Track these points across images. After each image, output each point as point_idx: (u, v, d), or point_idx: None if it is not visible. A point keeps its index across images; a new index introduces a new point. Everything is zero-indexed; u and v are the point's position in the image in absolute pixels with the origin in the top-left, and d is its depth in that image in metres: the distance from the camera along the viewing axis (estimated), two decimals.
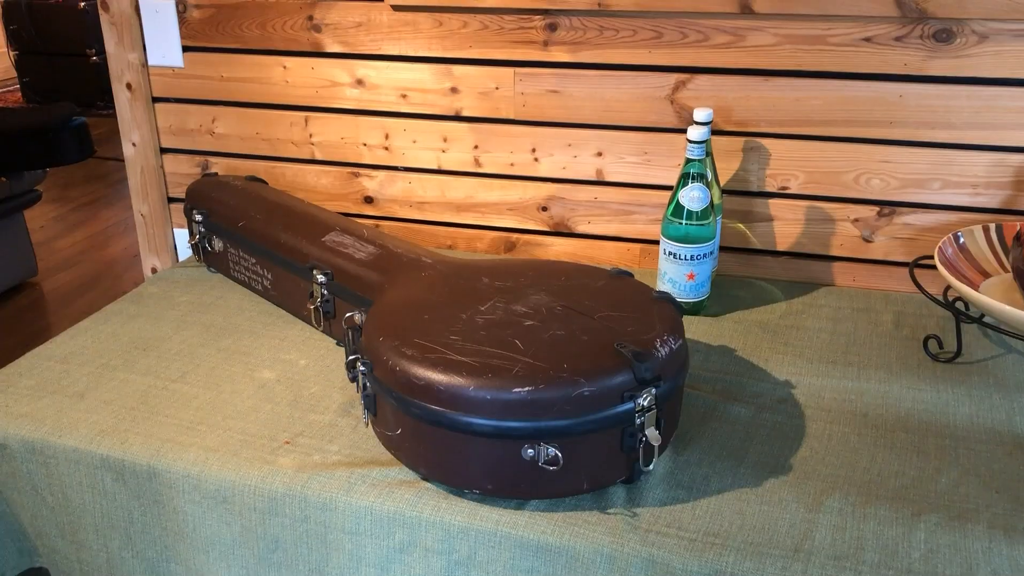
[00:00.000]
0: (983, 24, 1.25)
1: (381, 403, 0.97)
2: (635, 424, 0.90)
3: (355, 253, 1.22)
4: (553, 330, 0.97)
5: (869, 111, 1.34)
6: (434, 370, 0.90)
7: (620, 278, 1.11)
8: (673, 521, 0.90)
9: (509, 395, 0.87)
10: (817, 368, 1.19)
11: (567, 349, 0.93)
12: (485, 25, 1.45)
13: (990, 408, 1.09)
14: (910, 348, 1.24)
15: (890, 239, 1.41)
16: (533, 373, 0.89)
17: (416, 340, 0.96)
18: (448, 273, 1.14)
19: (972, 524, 0.89)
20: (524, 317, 1.00)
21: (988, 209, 1.35)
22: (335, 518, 0.95)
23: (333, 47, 1.54)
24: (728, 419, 1.08)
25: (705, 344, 1.25)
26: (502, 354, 0.92)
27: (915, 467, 0.99)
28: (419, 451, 0.94)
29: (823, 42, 1.31)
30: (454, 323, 0.99)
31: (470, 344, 0.94)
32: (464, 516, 0.91)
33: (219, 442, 1.03)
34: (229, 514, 0.99)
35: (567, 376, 0.89)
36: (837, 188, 1.40)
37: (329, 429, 1.06)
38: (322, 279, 1.22)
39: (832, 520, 0.90)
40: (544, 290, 1.07)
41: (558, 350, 0.93)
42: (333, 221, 1.33)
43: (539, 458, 0.88)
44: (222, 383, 1.16)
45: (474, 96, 1.51)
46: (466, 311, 1.02)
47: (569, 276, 1.12)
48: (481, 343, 0.95)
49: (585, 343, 0.95)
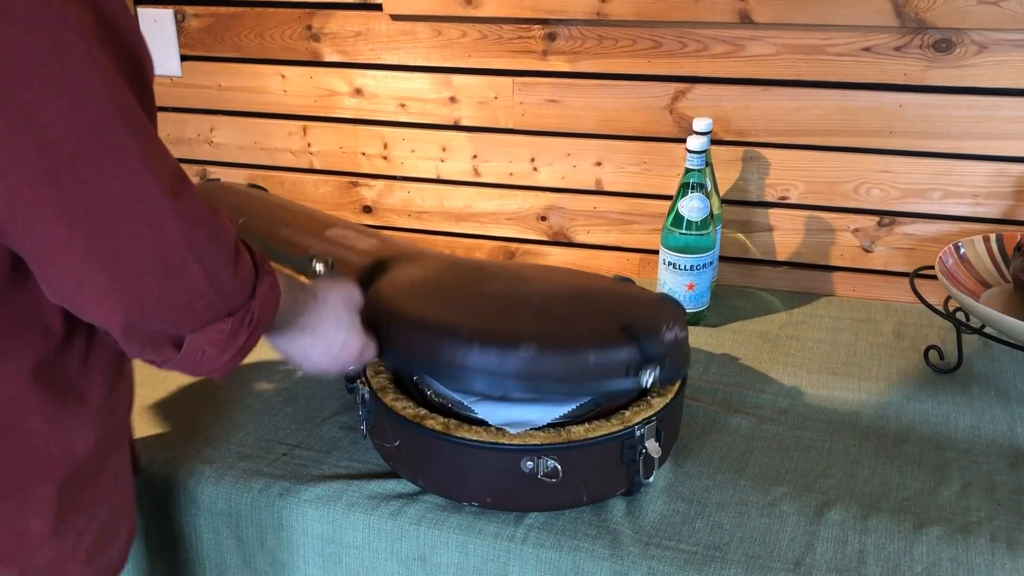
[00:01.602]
0: (983, 34, 1.25)
1: (379, 414, 0.96)
2: (635, 436, 0.90)
3: (357, 244, 1.20)
4: (559, 312, 0.96)
5: (869, 121, 1.33)
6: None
7: (624, 284, 1.10)
8: (673, 534, 0.89)
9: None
10: (818, 379, 1.18)
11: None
12: (484, 35, 1.45)
13: (992, 419, 1.09)
14: (911, 359, 1.23)
15: (890, 249, 1.40)
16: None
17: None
18: (453, 263, 1.12)
19: (975, 537, 0.89)
20: (530, 296, 0.98)
21: (988, 219, 1.35)
22: (332, 530, 0.94)
23: (332, 56, 1.54)
24: (728, 431, 1.07)
25: (705, 355, 1.25)
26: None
27: (917, 479, 0.98)
28: (418, 463, 0.93)
29: (822, 52, 1.31)
30: (458, 305, 0.98)
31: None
32: (463, 529, 0.90)
33: (216, 454, 1.03)
34: (226, 526, 0.98)
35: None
36: (837, 198, 1.39)
37: (327, 441, 1.05)
38: (321, 268, 1.19)
39: (833, 533, 0.89)
40: (550, 284, 1.05)
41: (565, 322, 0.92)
42: (334, 220, 1.32)
43: (538, 471, 0.87)
44: (219, 394, 1.16)
45: (473, 105, 1.50)
46: (471, 296, 1.00)
47: (572, 277, 1.10)
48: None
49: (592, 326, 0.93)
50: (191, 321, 0.69)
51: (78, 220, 0.60)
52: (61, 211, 0.59)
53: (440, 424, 0.90)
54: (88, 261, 0.61)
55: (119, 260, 0.62)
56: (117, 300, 0.63)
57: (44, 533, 0.72)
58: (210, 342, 0.71)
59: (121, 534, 0.83)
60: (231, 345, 0.72)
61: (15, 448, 0.70)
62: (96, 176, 0.59)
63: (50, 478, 0.72)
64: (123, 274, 0.63)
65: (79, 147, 0.58)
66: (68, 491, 0.74)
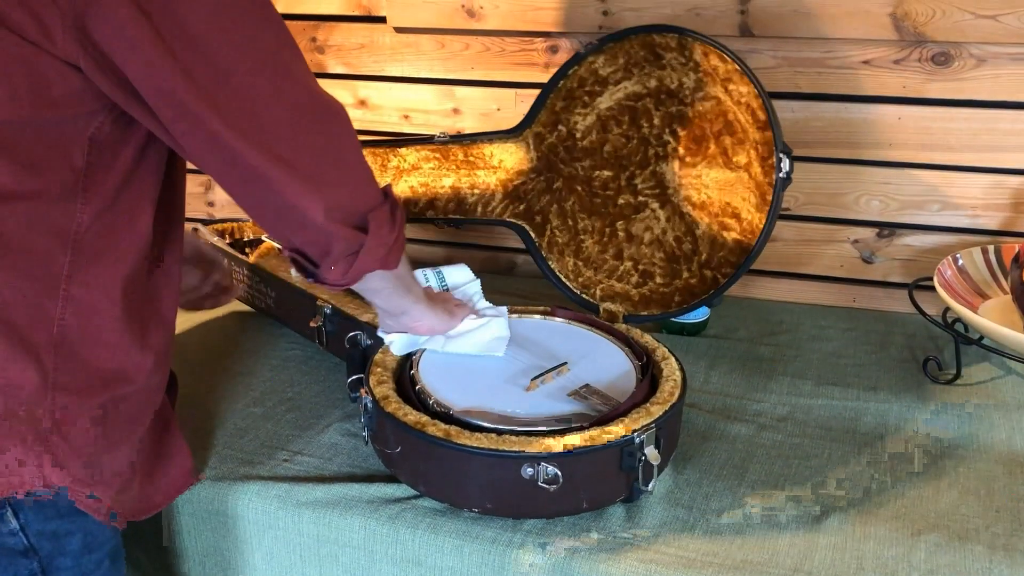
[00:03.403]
0: (981, 48, 1.26)
1: (381, 421, 0.97)
2: (634, 443, 0.90)
3: None
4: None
5: (868, 133, 1.34)
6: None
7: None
8: (673, 541, 0.90)
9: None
10: (817, 389, 1.19)
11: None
12: (487, 47, 1.46)
13: (990, 428, 1.09)
14: (910, 369, 1.24)
15: (890, 260, 1.41)
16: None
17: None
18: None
19: (972, 544, 0.89)
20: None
21: (987, 231, 1.35)
22: (333, 534, 0.95)
23: (336, 68, 1.56)
24: (728, 439, 1.08)
25: (705, 364, 1.25)
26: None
27: (915, 487, 0.98)
28: (418, 469, 0.94)
29: (822, 64, 1.32)
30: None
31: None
32: (462, 535, 0.91)
33: (219, 459, 1.03)
34: (227, 530, 0.99)
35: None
36: (837, 209, 1.40)
37: (329, 447, 1.06)
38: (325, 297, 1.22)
39: (832, 540, 0.90)
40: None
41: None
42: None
43: (538, 477, 0.88)
44: (223, 401, 1.17)
45: (476, 117, 1.52)
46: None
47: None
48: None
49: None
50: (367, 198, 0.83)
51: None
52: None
53: (441, 431, 0.91)
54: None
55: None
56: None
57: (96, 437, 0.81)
58: (382, 220, 0.83)
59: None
60: (394, 222, 0.85)
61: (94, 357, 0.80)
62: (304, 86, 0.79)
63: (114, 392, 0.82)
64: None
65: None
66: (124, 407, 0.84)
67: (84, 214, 0.77)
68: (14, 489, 0.76)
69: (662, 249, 1.28)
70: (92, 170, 0.76)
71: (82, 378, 0.79)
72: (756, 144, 1.16)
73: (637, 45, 1.21)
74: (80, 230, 0.77)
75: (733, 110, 1.17)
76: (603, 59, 1.24)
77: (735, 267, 1.19)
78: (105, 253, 0.79)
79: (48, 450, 0.77)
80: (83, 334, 0.79)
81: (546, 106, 1.29)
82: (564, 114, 1.29)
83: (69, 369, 0.78)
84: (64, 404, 0.78)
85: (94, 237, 0.78)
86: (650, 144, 1.25)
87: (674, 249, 1.27)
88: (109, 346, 0.81)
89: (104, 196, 0.78)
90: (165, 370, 0.90)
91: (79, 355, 0.79)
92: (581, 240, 1.32)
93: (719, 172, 1.21)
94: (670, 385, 0.99)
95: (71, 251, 0.77)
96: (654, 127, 1.25)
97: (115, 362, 0.81)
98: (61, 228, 0.76)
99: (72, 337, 0.78)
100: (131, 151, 0.78)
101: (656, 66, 1.22)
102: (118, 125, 0.76)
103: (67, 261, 0.77)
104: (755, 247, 1.13)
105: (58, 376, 0.78)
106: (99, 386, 0.80)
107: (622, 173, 1.28)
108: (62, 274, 0.77)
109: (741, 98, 1.16)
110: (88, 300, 0.79)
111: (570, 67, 1.25)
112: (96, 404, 0.80)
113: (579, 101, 1.27)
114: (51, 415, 0.77)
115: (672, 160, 1.24)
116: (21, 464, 0.76)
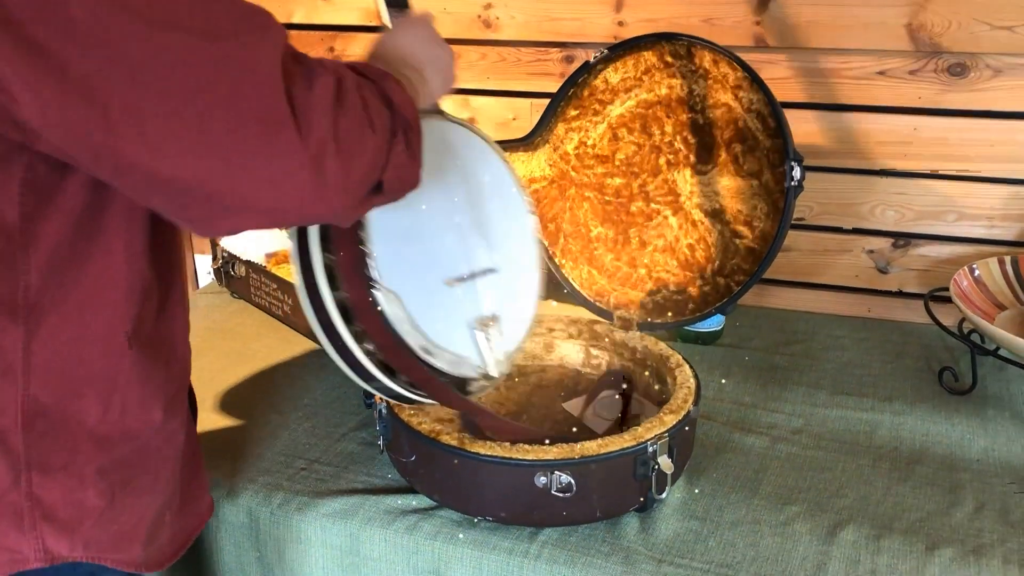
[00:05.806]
0: (997, 59, 1.26)
1: (396, 429, 0.97)
2: (647, 452, 0.91)
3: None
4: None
5: (884, 143, 1.34)
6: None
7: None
8: (686, 551, 0.90)
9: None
10: (832, 399, 1.19)
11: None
12: (503, 57, 1.47)
13: (1006, 441, 1.09)
14: (925, 380, 1.24)
15: (905, 271, 1.41)
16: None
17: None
18: None
19: (987, 558, 0.89)
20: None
21: (1003, 241, 1.35)
22: (350, 543, 0.95)
23: None
24: (742, 450, 1.08)
25: (719, 374, 1.25)
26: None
27: (930, 500, 0.98)
28: (433, 477, 0.95)
29: (838, 75, 1.33)
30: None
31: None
32: (478, 544, 0.91)
33: (236, 468, 1.04)
34: (246, 540, 1.00)
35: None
36: (852, 219, 1.40)
37: (345, 456, 1.07)
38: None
39: (846, 553, 0.90)
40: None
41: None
42: None
43: (552, 486, 0.88)
44: (239, 409, 1.17)
45: (491, 126, 1.52)
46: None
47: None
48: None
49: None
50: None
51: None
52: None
53: (455, 439, 0.91)
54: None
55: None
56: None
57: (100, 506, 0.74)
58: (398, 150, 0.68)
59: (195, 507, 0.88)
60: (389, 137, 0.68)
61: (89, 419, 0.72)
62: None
63: (105, 451, 0.73)
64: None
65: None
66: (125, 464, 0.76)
67: (30, 275, 0.66)
68: (19, 567, 0.71)
69: (675, 256, 1.28)
70: (30, 222, 0.64)
71: (64, 450, 0.71)
72: (768, 152, 1.16)
73: (647, 53, 1.22)
74: (29, 294, 0.66)
75: (744, 117, 1.17)
76: (613, 67, 1.25)
77: (748, 275, 1.19)
78: (74, 308, 0.68)
79: (39, 532, 0.71)
80: (59, 404, 0.69)
81: (557, 114, 1.29)
82: (576, 122, 1.29)
83: (44, 447, 0.69)
84: (41, 483, 0.70)
85: (52, 296, 0.67)
86: (662, 152, 1.26)
87: (687, 256, 1.27)
88: (96, 410, 0.71)
89: (53, 248, 0.66)
90: (181, 414, 0.82)
91: (56, 428, 0.70)
92: (594, 248, 1.32)
93: (731, 179, 1.21)
94: (683, 393, 1.00)
95: (23, 320, 0.66)
96: (665, 134, 1.25)
97: (107, 425, 0.72)
98: (2, 298, 0.65)
99: (43, 411, 0.69)
100: (76, 187, 0.65)
101: (666, 74, 1.22)
102: (53, 160, 0.62)
103: (20, 333, 0.66)
104: (768, 254, 1.13)
105: (31, 456, 0.69)
106: (92, 451, 0.72)
107: (634, 181, 1.29)
108: (17, 348, 0.67)
109: (752, 105, 1.16)
110: (58, 367, 0.69)
111: (580, 75, 1.26)
112: (92, 470, 0.72)
113: (590, 109, 1.28)
114: (29, 497, 0.70)
115: (684, 167, 1.25)
116: (16, 550, 0.71)
